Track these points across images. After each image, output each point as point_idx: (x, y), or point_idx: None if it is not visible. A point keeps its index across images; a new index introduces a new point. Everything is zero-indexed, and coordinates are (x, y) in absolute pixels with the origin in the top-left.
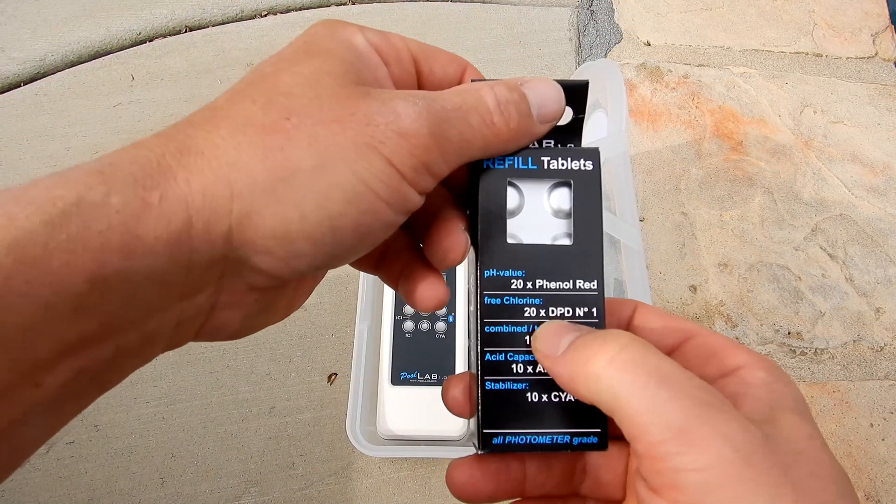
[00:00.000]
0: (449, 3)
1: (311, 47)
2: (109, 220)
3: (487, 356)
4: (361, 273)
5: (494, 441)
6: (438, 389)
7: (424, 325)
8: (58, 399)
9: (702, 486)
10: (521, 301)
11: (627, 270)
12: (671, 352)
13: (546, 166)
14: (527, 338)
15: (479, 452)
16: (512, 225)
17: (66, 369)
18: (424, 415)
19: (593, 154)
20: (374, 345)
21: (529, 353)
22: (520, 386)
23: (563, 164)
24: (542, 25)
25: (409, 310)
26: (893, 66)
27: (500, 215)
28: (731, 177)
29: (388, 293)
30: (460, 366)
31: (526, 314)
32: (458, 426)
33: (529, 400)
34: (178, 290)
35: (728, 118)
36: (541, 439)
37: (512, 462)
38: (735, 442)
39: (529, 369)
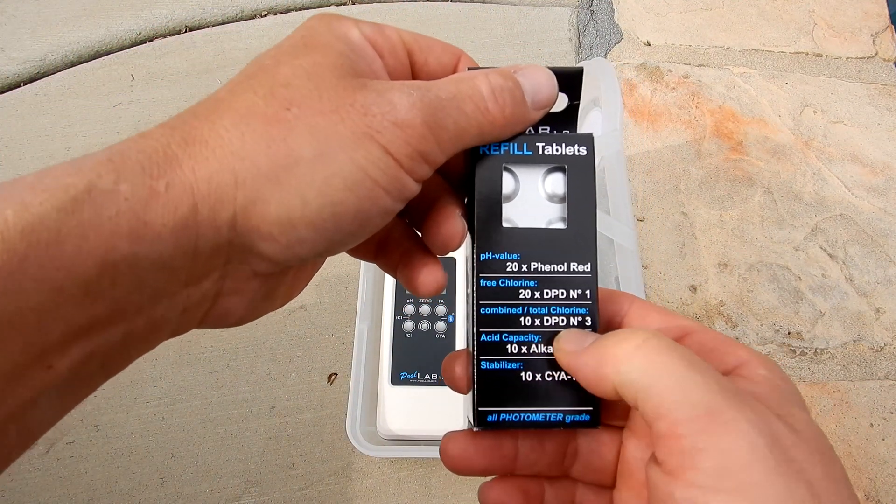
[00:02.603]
0: (449, 3)
1: (309, 41)
2: (118, 206)
3: (483, 336)
4: (361, 273)
5: (489, 418)
6: (438, 389)
7: (424, 325)
8: (67, 382)
9: (721, 468)
10: (515, 283)
11: (622, 270)
12: None
13: (541, 152)
14: (521, 319)
15: (475, 429)
16: (507, 209)
17: (77, 353)
18: (424, 415)
19: (587, 140)
20: (374, 345)
21: (524, 333)
22: (514, 366)
23: (557, 150)
24: (542, 25)
25: (409, 310)
26: (893, 66)
27: (495, 200)
28: (730, 177)
29: (388, 293)
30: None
31: (521, 296)
32: (458, 426)
33: (523, 379)
34: (185, 275)
35: (728, 118)
36: (534, 417)
37: (505, 439)
38: (761, 428)
39: (524, 349)
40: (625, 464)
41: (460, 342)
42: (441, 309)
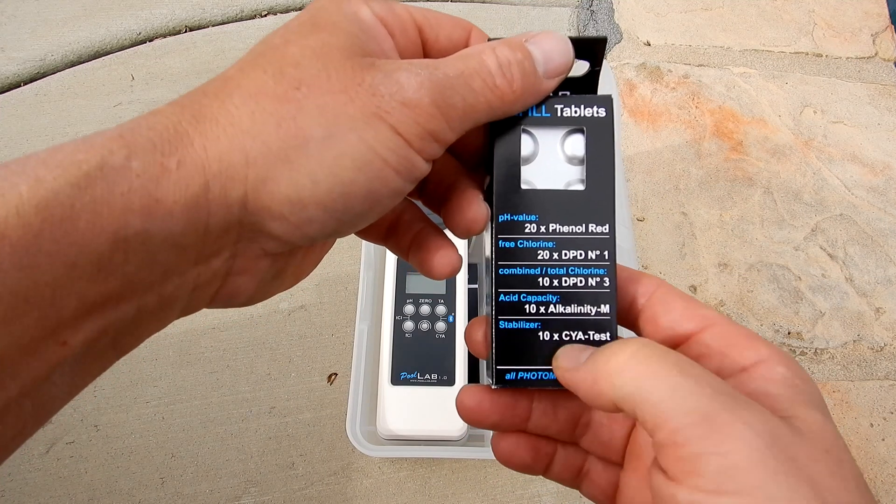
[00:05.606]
0: (449, 3)
1: (318, 20)
2: (131, 183)
3: (501, 297)
4: (361, 273)
5: (507, 376)
6: (438, 389)
7: (424, 325)
8: (80, 358)
9: (723, 471)
10: (534, 244)
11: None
12: (689, 337)
13: (560, 114)
14: (540, 279)
15: (494, 387)
16: (526, 171)
17: (90, 328)
18: (424, 415)
19: (607, 101)
20: (374, 345)
21: (542, 294)
22: (532, 325)
23: (576, 112)
24: (542, 25)
25: (409, 310)
26: (893, 66)
27: (514, 162)
28: (730, 177)
29: (388, 293)
30: (460, 365)
31: (539, 257)
32: (458, 426)
33: (541, 339)
34: (195, 253)
35: (728, 118)
36: (551, 375)
37: (521, 399)
38: (758, 429)
39: (542, 310)
40: (635, 444)
41: (460, 342)
42: (441, 309)
